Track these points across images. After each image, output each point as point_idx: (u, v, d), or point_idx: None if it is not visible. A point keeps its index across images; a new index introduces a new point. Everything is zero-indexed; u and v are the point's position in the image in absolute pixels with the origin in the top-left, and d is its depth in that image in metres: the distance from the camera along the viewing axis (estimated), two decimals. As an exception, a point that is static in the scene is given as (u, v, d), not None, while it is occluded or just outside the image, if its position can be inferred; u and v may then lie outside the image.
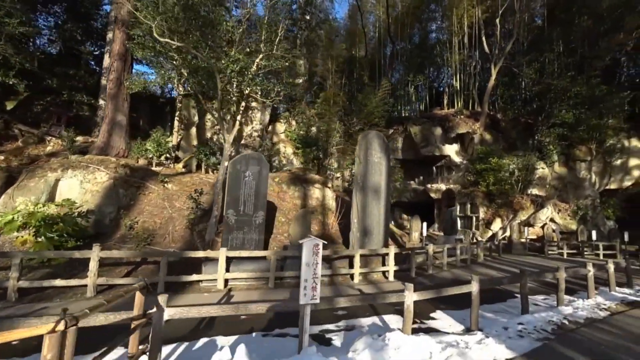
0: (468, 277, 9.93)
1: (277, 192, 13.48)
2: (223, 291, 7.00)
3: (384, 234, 10.74)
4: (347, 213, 12.25)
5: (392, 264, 8.94)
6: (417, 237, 12.74)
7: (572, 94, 20.95)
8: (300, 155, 24.90)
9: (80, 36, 18.86)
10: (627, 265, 8.67)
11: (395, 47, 28.09)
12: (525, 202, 20.00)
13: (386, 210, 10.97)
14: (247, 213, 8.26)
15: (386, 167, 11.09)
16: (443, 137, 23.60)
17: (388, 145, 11.41)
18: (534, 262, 14.00)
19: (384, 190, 10.89)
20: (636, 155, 23.83)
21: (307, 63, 27.99)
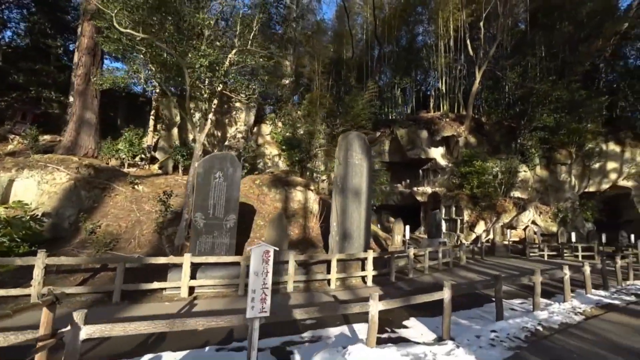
0: (449, 280, 9.77)
1: (257, 194, 13.07)
2: (187, 300, 6.56)
3: (365, 237, 10.46)
4: (329, 216, 11.95)
5: (371, 268, 8.66)
6: (399, 241, 12.52)
7: (553, 98, 21.27)
8: (286, 158, 24.56)
9: (50, 30, 18.04)
10: (603, 267, 8.62)
11: (382, 50, 28.07)
12: (508, 204, 20.12)
13: (367, 214, 10.70)
14: (218, 216, 7.83)
15: (367, 169, 10.84)
16: (429, 140, 23.63)
17: (369, 147, 11.17)
18: (515, 264, 13.98)
19: (365, 192, 10.62)
20: (613, 158, 24.36)
21: (293, 64, 27.71)
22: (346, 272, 8.77)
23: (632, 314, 6.17)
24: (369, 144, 11.11)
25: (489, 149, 22.49)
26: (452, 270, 11.57)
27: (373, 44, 29.22)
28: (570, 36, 23.14)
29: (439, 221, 15.50)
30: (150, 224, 9.35)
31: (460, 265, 13.05)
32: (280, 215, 8.68)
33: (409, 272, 10.10)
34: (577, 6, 23.82)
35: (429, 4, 27.31)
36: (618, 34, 24.69)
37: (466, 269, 11.98)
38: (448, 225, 21.73)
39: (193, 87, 10.20)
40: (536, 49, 23.08)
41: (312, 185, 14.94)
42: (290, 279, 7.52)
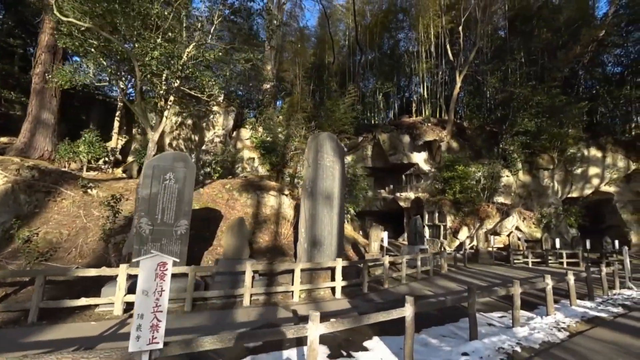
0: (426, 290, 9.06)
1: (226, 199, 12.23)
2: (120, 318, 5.66)
3: (338, 244, 9.72)
4: (301, 222, 11.22)
5: (340, 278, 7.90)
6: (376, 248, 11.83)
7: (533, 103, 21.24)
8: (267, 163, 23.79)
9: (15, 28, 16.99)
10: (588, 275, 8.09)
11: (363, 55, 27.89)
12: (491, 210, 19.74)
13: (340, 219, 9.99)
14: (167, 222, 6.98)
15: (340, 172, 10.17)
16: (411, 144, 23.25)
17: (342, 149, 10.52)
18: (498, 272, 13.44)
19: (337, 196, 9.92)
20: (595, 164, 24.45)
21: (275, 68, 27.17)
22: (313, 283, 7.99)
23: (620, 329, 5.58)
24: (342, 146, 10.47)
25: (471, 154, 22.24)
26: (431, 279, 10.91)
27: (355, 50, 28.98)
28: (549, 43, 23.36)
29: (419, 227, 14.90)
30: (97, 231, 8.41)
31: (440, 273, 12.42)
32: (241, 221, 7.87)
33: (384, 281, 9.38)
34: (554, 14, 24.14)
35: (409, 11, 27.34)
36: (595, 41, 25.09)
37: (447, 278, 11.34)
38: (431, 231, 21.23)
39: (151, 83, 9.41)
40: (516, 55, 23.18)
41: (287, 190, 14.19)
42: (246, 292, 6.69)
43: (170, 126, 22.36)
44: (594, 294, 8.26)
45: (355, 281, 8.60)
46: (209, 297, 6.72)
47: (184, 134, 22.31)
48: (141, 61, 8.40)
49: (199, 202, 11.11)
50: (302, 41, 32.33)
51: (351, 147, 26.45)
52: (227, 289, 6.83)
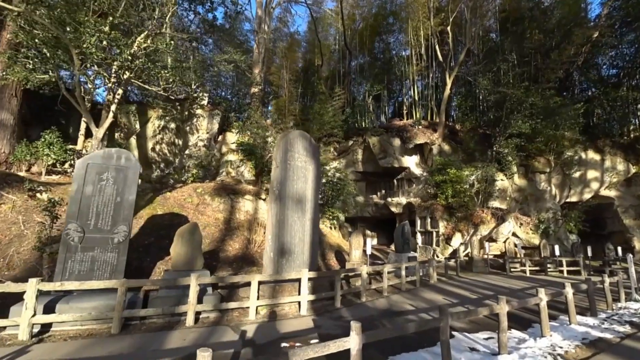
0: (408, 305, 8.05)
1: (196, 204, 11.28)
2: (23, 344, 4.66)
3: (311, 253, 8.75)
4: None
5: (306, 292, 6.91)
6: (358, 256, 10.84)
7: (527, 105, 20.50)
8: (252, 167, 22.93)
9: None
10: (589, 287, 7.11)
11: (353, 58, 27.29)
12: (485, 215, 18.79)
13: (314, 225, 9.05)
14: (102, 228, 6.02)
15: (314, 174, 9.27)
16: (402, 148, 22.42)
17: (317, 148, 9.64)
18: (493, 282, 12.43)
19: (310, 200, 9.01)
20: (593, 167, 23.63)
21: (262, 72, 26.52)
22: (277, 297, 6.99)
23: (631, 355, 4.61)
24: (316, 145, 9.59)
25: (463, 157, 21.39)
26: (417, 291, 9.90)
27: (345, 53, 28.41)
28: (541, 44, 22.75)
29: (407, 234, 13.92)
30: (34, 239, 7.44)
31: (429, 284, 11.40)
32: (193, 226, 6.92)
33: (362, 294, 8.38)
34: (546, 15, 23.62)
35: (399, 13, 26.84)
36: (589, 43, 24.53)
37: (434, 289, 10.32)
38: (424, 238, 20.24)
39: (98, 73, 8.57)
40: (507, 55, 22.53)
41: (264, 194, 13.25)
42: (190, 310, 5.70)
43: (153, 130, 21.55)
44: (596, 309, 7.27)
45: (327, 295, 7.60)
46: (148, 316, 5.73)
47: (168, 138, 21.49)
48: (80, 49, 7.55)
49: (163, 207, 10.16)
50: (293, 46, 31.87)
51: (341, 151, 25.65)
52: (169, 305, 5.83)
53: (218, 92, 27.84)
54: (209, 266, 8.61)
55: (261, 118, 25.87)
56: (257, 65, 26.97)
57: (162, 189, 11.60)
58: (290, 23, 35.29)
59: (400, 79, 26.36)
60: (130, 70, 8.72)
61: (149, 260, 7.77)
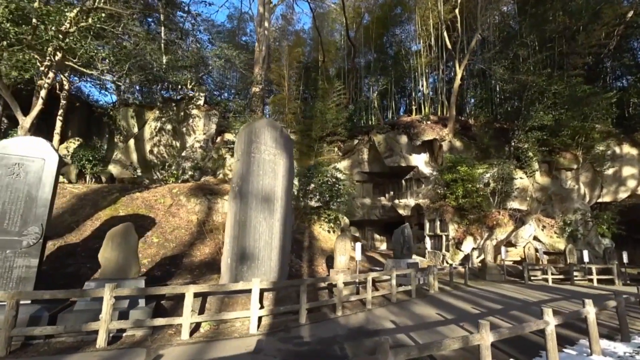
0: (389, 322, 6.71)
1: (168, 205, 10.47)
2: None
3: (280, 259, 7.64)
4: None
5: (257, 306, 5.77)
6: (344, 262, 9.58)
7: (549, 94, 18.45)
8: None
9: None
10: (619, 303, 5.52)
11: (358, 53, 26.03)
12: (502, 217, 16.92)
13: (284, 227, 7.93)
14: (8, 229, 5.20)
15: (285, 169, 8.17)
16: (409, 145, 20.88)
17: (289, 140, 8.54)
18: (506, 293, 10.75)
19: (281, 198, 7.91)
20: (629, 163, 21.04)
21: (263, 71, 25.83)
22: (224, 312, 5.89)
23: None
24: (288, 136, 8.48)
25: (477, 154, 19.55)
26: (408, 304, 8.50)
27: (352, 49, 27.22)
28: (566, 27, 20.55)
29: (408, 237, 12.46)
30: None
31: (427, 295, 9.94)
32: (127, 228, 5.99)
33: (337, 307, 7.14)
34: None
35: (407, 2, 25.35)
36: (623, 24, 22.03)
37: (431, 302, 8.88)
38: (433, 242, 18.58)
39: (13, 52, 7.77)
40: (526, 39, 20.44)
41: None
42: (102, 328, 4.72)
43: (150, 132, 21.29)
44: (629, 331, 5.66)
45: (291, 308, 6.43)
46: (57, 334, 4.81)
47: (165, 139, 21.14)
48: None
49: (127, 208, 9.40)
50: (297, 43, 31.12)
51: (346, 151, 24.42)
52: (83, 322, 4.89)
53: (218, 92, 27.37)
54: (166, 273, 7.70)
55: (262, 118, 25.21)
56: (258, 64, 26.34)
57: (134, 189, 10.87)
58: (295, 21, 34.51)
59: (409, 73, 24.80)
60: (62, 50, 7.94)
61: (88, 266, 6.94)
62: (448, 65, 24.13)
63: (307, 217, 16.28)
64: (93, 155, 12.47)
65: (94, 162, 12.30)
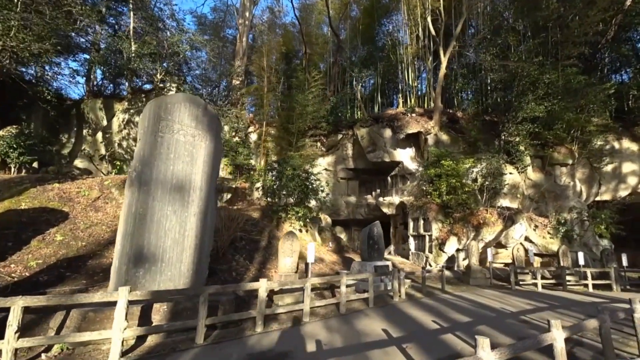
0: (312, 344, 5.25)
1: (93, 198, 9.16)
2: None
3: (196, 261, 6.31)
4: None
5: (122, 326, 4.36)
6: (290, 266, 8.22)
7: (542, 84, 17.03)
8: (227, 164, 20.93)
9: None
10: (602, 324, 4.12)
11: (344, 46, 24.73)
12: (490, 216, 15.50)
13: (204, 223, 6.60)
14: None
15: (209, 153, 6.85)
16: (393, 139, 19.52)
17: (214, 119, 7.20)
18: (484, 301, 9.33)
19: (200, 188, 6.58)
20: (630, 159, 19.55)
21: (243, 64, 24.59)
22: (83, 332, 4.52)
23: None
24: (213, 115, 7.13)
25: (465, 148, 18.14)
26: (357, 316, 7.10)
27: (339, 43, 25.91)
28: (560, 15, 19.11)
29: (377, 237, 11.08)
30: None
31: (389, 303, 8.53)
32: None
33: (257, 322, 5.77)
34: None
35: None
36: (621, 12, 20.60)
37: (388, 313, 7.48)
38: (417, 243, 17.17)
39: None
40: (515, 24, 19.01)
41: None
42: None
43: (118, 124, 20.19)
44: (614, 356, 4.25)
45: (182, 325, 5.06)
46: None
47: (134, 132, 20.00)
48: None
49: (34, 201, 8.09)
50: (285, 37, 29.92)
51: (330, 146, 23.08)
52: None
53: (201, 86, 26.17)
54: (56, 278, 6.37)
55: (242, 110, 23.91)
56: (239, 56, 25.12)
57: (53, 180, 9.57)
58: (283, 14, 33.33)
59: (396, 64, 23.45)
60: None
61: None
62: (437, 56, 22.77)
63: (276, 215, 14.96)
64: (18, 143, 11.12)
65: (19, 150, 10.97)
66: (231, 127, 22.33)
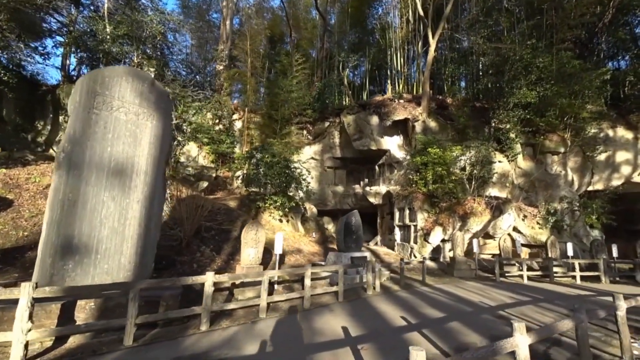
0: (252, 345, 4.64)
1: (44, 185, 8.48)
2: None
3: (140, 252, 5.70)
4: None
5: (24, 327, 3.77)
6: (254, 256, 7.64)
7: (535, 68, 16.32)
8: (209, 152, 20.17)
9: None
10: (578, 321, 3.57)
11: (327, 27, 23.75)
12: (477, 205, 14.97)
13: (150, 210, 5.97)
14: None
15: (156, 134, 6.17)
16: (380, 127, 18.83)
17: (163, 95, 6.50)
18: (464, 295, 8.83)
19: (145, 172, 5.93)
20: (624, 147, 19.03)
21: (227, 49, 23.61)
22: None
23: None
24: (162, 91, 6.42)
25: (454, 135, 17.51)
26: (319, 312, 6.55)
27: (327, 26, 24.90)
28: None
29: (355, 227, 10.51)
30: None
31: (361, 297, 8.00)
32: None
33: (202, 320, 5.19)
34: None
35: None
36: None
37: (353, 309, 6.94)
38: (402, 233, 16.68)
39: None
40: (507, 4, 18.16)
41: None
42: None
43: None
44: None
45: (111, 324, 4.47)
46: None
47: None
48: None
49: (-29, 188, 7.41)
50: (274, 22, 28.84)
51: (317, 134, 22.36)
52: None
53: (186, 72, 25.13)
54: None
55: (226, 97, 23.00)
56: (222, 40, 24.12)
57: (2, 165, 8.87)
58: None
59: (386, 49, 22.58)
60: None
61: None
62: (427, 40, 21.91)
63: (255, 205, 14.37)
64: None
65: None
66: (214, 114, 21.52)
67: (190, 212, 9.06)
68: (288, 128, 20.94)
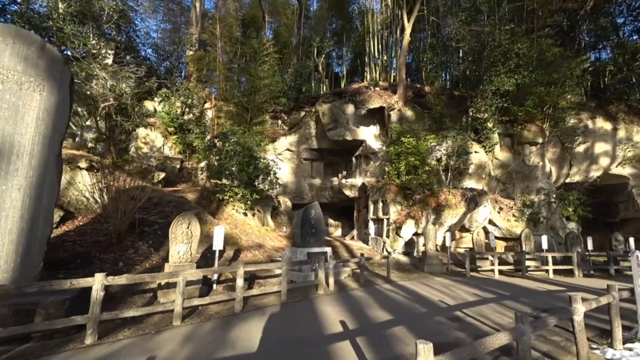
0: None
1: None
2: None
3: (21, 251, 4.73)
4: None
5: None
6: (185, 254, 6.74)
7: (513, 54, 15.66)
8: (176, 142, 18.99)
9: None
10: (520, 338, 2.79)
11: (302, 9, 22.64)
12: (452, 197, 14.32)
13: (36, 202, 4.99)
14: None
15: (47, 108, 5.17)
16: (355, 116, 17.98)
17: (60, 64, 5.47)
18: (425, 293, 8.12)
19: (30, 155, 4.95)
20: (602, 138, 18.70)
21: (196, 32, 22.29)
22: None
23: None
24: (54, 54, 5.38)
25: (431, 125, 16.79)
26: (249, 317, 5.71)
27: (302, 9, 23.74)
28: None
29: (315, 220, 9.67)
30: None
31: (308, 298, 7.18)
32: None
33: (88, 332, 4.28)
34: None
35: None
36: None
37: (289, 313, 6.13)
38: (376, 227, 15.95)
39: None
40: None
41: (86, 162, 9.23)
42: None
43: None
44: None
45: None
46: None
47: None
48: None
49: None
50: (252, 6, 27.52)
51: (292, 124, 21.38)
52: None
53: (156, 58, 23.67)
54: None
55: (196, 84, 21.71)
56: (192, 23, 22.78)
57: None
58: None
59: (363, 35, 21.63)
60: None
61: None
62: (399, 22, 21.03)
63: (215, 197, 13.40)
64: None
65: None
66: (183, 103, 20.32)
67: (126, 205, 8.06)
68: (261, 117, 19.92)
